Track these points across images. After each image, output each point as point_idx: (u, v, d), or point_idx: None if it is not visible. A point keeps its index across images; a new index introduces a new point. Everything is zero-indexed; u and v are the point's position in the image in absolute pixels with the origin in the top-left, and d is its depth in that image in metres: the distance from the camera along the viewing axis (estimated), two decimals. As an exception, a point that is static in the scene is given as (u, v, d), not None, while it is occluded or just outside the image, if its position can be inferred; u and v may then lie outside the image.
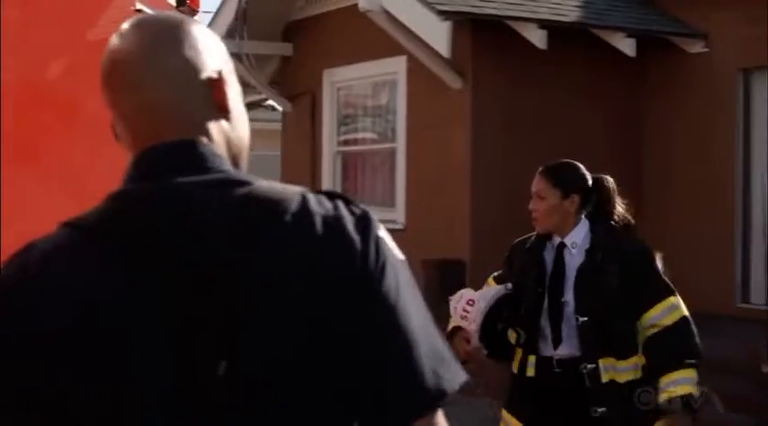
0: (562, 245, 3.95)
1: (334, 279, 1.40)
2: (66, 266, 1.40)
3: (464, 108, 9.83)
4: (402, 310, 1.43)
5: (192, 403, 1.35)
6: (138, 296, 1.37)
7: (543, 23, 9.37)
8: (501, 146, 9.86)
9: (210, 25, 12.36)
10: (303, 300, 1.39)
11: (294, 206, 1.42)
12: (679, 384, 3.80)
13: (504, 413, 4.10)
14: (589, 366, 3.80)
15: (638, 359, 3.86)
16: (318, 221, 1.42)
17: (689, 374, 3.81)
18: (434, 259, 9.48)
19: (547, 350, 3.91)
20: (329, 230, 1.42)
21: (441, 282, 9.21)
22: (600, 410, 3.79)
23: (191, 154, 1.46)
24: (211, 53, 1.55)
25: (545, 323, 3.92)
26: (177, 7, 4.20)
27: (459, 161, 9.92)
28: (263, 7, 12.03)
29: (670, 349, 3.83)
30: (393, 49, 10.25)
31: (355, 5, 9.98)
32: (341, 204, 1.47)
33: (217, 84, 1.52)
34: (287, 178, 13.03)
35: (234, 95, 1.55)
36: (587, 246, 3.92)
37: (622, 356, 3.84)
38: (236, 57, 11.94)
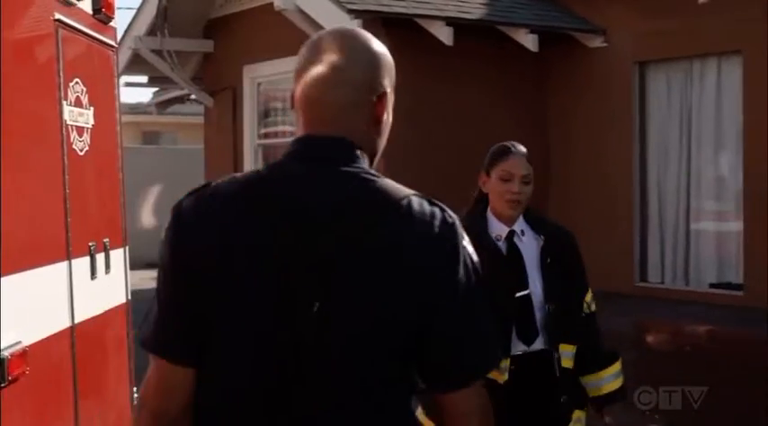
0: (512, 234, 3.75)
1: (418, 266, 1.84)
2: (222, 205, 1.91)
3: (376, 101, 10.24)
4: (467, 299, 1.89)
5: (289, 331, 1.83)
6: (263, 242, 1.86)
7: (449, 21, 9.74)
8: (411, 137, 10.26)
9: (132, 22, 12.61)
10: (387, 275, 1.83)
11: (400, 203, 1.88)
12: (618, 377, 3.86)
13: None
14: (555, 354, 3.68)
15: (575, 347, 3.77)
16: (417, 220, 1.88)
17: (619, 366, 3.89)
18: None
19: (518, 348, 3.65)
20: (424, 228, 1.87)
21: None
22: (564, 398, 3.71)
23: (338, 148, 1.95)
24: (387, 73, 2.04)
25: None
26: (93, 15, 4.59)
27: (373, 152, 10.35)
28: (184, 5, 12.27)
29: (599, 339, 3.87)
30: None
31: (271, 4, 10.31)
32: (437, 210, 1.92)
33: (380, 101, 2.00)
34: (210, 170, 13.34)
35: (389, 110, 2.05)
36: (531, 232, 3.77)
37: (573, 341, 3.76)
38: (157, 53, 12.28)
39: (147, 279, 1.83)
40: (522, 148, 3.82)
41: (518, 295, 3.63)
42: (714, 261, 9.98)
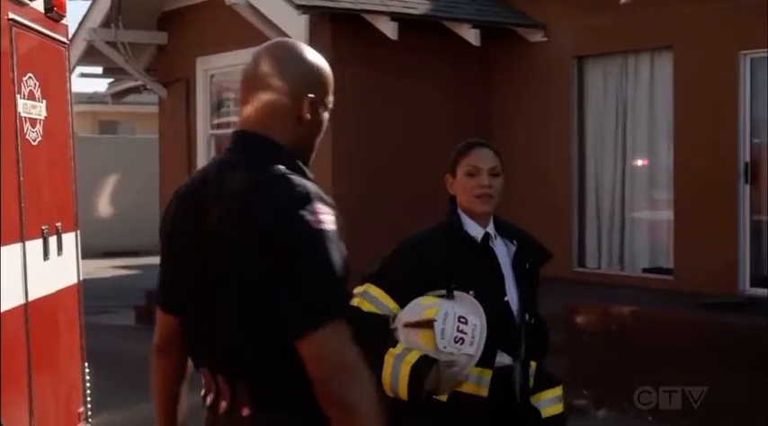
0: (487, 236, 3.47)
1: (262, 227, 2.24)
2: (173, 196, 2.50)
3: (325, 93, 10.59)
4: (294, 264, 2.23)
5: (193, 289, 2.39)
6: (173, 218, 2.45)
7: (394, 16, 10.14)
8: (359, 127, 10.64)
9: (87, 14, 12.85)
10: (227, 249, 2.27)
11: (246, 187, 2.30)
12: (558, 402, 3.58)
13: None
14: (527, 370, 3.44)
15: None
16: (249, 203, 2.27)
17: (560, 392, 3.61)
18: None
19: (501, 359, 3.36)
20: (262, 198, 2.27)
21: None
22: (532, 414, 3.49)
23: (254, 142, 2.37)
24: (314, 81, 2.41)
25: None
26: (45, 14, 4.91)
27: (322, 140, 10.67)
28: (138, -2, 12.62)
29: (544, 346, 3.58)
30: (260, 39, 10.73)
31: (223, -2, 10.66)
32: (286, 185, 2.28)
33: (301, 105, 2.38)
34: (164, 159, 13.63)
35: (317, 112, 2.43)
36: (500, 238, 3.51)
37: (537, 357, 3.51)
38: (112, 45, 12.53)
39: (105, 267, 2.14)
40: (487, 142, 3.64)
41: (498, 302, 3.35)
42: (647, 247, 10.46)
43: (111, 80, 16.77)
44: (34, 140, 4.59)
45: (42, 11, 4.83)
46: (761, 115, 9.39)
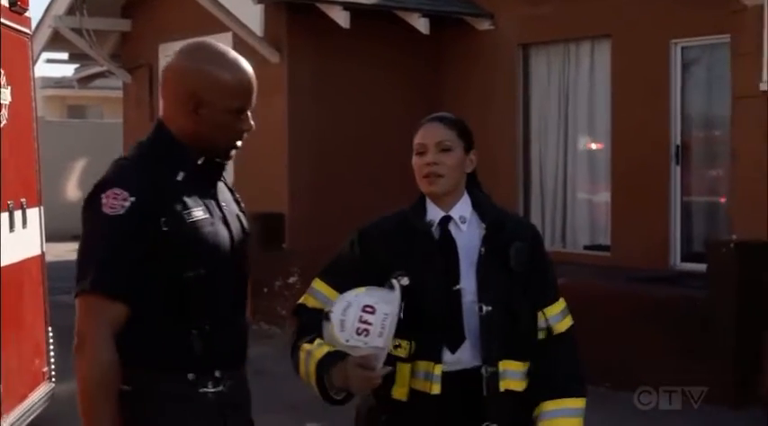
0: (446, 220, 3.12)
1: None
2: None
3: (281, 80, 11.07)
4: (83, 239, 2.70)
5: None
6: None
7: (346, 5, 10.64)
8: (314, 112, 11.14)
9: (52, 2, 13.24)
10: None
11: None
12: (566, 415, 3.09)
13: None
14: (489, 369, 3.00)
15: (528, 365, 3.10)
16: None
17: (578, 404, 3.12)
18: (258, 213, 10.75)
19: (447, 355, 3.02)
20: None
21: (263, 232, 10.59)
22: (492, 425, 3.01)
23: (155, 130, 2.78)
24: (202, 80, 2.71)
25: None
26: (10, 8, 5.38)
27: (278, 126, 11.15)
28: (102, -15, 13.05)
29: (561, 364, 3.13)
30: (220, 27, 11.28)
31: (185, -13, 11.13)
32: (110, 168, 2.74)
33: (192, 100, 2.70)
34: (129, 143, 14.01)
35: (211, 108, 2.72)
36: (477, 220, 3.13)
37: (522, 358, 3.07)
38: (77, 32, 12.95)
39: (74, 250, 2.47)
40: (446, 115, 3.23)
41: (455, 288, 3.03)
42: (587, 226, 11.05)
43: (76, 65, 17.18)
44: (0, 123, 5.08)
45: (7, 4, 5.30)
46: (692, 101, 9.99)
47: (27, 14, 5.64)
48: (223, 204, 2.88)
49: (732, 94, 8.62)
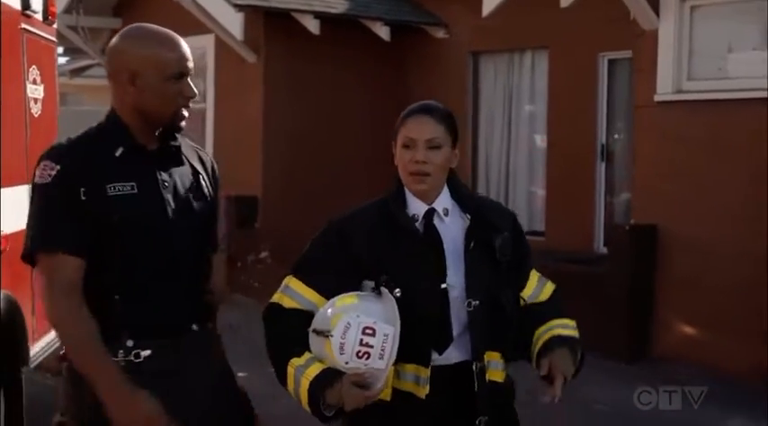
0: (430, 213, 2.99)
1: None
2: None
3: (257, 78, 12.31)
4: (30, 202, 2.88)
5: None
6: None
7: (317, 14, 11.87)
8: (287, 107, 12.34)
9: (51, 1, 14.45)
10: None
11: None
12: (566, 328, 3.07)
13: None
14: (478, 363, 2.93)
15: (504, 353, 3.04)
16: None
17: (572, 322, 3.12)
18: (234, 195, 11.79)
19: (434, 355, 2.92)
20: None
21: (238, 212, 11.94)
22: (484, 419, 2.94)
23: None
24: (127, 60, 2.87)
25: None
26: (43, 21, 6.72)
27: (254, 119, 12.36)
28: (96, -14, 14.20)
29: (550, 310, 3.13)
30: (204, 29, 12.39)
31: (172, -9, 12.33)
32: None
33: (128, 78, 2.85)
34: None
35: (140, 76, 2.83)
36: (459, 211, 3.01)
37: (500, 347, 3.01)
38: (73, 29, 14.20)
39: None
40: (435, 106, 3.09)
41: (443, 287, 2.91)
42: (525, 214, 12.34)
43: (68, 58, 18.43)
44: (36, 113, 6.42)
45: (41, 19, 6.64)
46: (616, 105, 11.31)
47: (54, 26, 6.98)
48: (165, 182, 2.94)
49: (634, 104, 9.80)
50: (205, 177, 3.07)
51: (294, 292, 2.96)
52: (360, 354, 2.76)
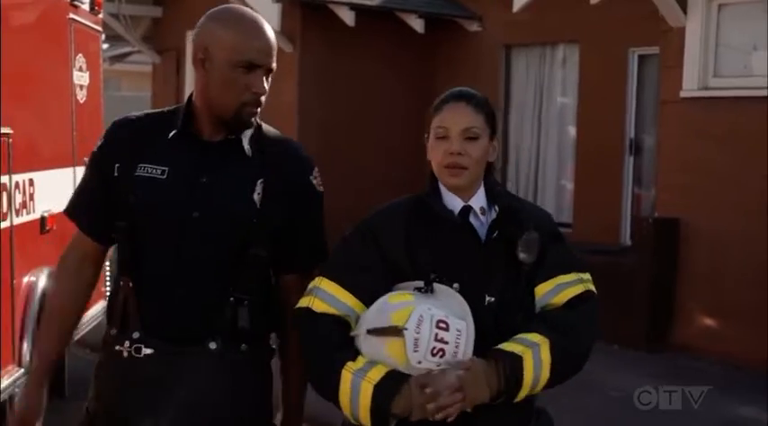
0: (466, 210, 2.72)
1: None
2: None
3: (293, 68, 12.61)
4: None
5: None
6: None
7: (352, 6, 12.11)
8: (320, 98, 12.63)
9: (93, -11, 14.84)
10: None
11: None
12: (520, 341, 2.61)
13: None
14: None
15: None
16: None
17: (539, 337, 2.62)
18: None
19: None
20: None
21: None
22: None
23: None
24: (202, 41, 2.69)
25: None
26: (90, 11, 7.02)
27: (289, 106, 12.70)
28: (138, -24, 14.59)
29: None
30: None
31: (213, -18, 12.64)
32: None
33: (200, 53, 2.70)
34: (155, 117, 15.67)
35: (211, 65, 2.65)
36: (492, 209, 2.75)
37: None
38: (114, 17, 14.57)
39: None
40: (472, 92, 2.79)
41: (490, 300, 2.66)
42: (554, 206, 12.55)
43: (107, 45, 18.80)
44: (81, 99, 6.74)
45: (88, 9, 6.95)
46: (645, 100, 11.46)
47: (100, 16, 7.29)
48: (203, 177, 2.67)
49: (659, 99, 9.96)
50: (273, 187, 2.73)
51: (326, 294, 2.65)
52: (434, 351, 2.45)
